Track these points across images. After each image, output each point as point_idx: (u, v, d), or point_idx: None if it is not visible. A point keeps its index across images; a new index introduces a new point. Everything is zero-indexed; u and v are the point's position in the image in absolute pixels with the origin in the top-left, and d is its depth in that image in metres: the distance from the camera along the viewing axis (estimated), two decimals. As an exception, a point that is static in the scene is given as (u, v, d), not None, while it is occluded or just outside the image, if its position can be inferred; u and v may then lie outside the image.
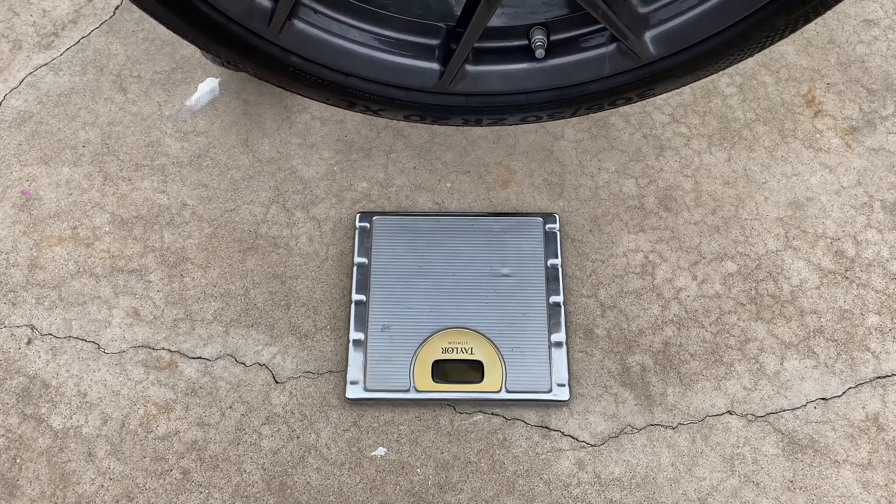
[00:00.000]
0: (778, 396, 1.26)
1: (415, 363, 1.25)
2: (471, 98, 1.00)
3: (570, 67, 0.97)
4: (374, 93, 0.99)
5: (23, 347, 1.31)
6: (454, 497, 1.20)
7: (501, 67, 0.97)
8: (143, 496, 1.21)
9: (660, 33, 0.91)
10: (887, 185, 1.42)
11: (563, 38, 0.95)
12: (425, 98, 1.00)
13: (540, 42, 0.93)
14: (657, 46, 0.92)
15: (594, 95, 1.00)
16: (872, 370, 1.27)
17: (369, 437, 1.24)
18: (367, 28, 0.94)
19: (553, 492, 1.20)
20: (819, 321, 1.31)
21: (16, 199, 1.42)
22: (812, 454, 1.22)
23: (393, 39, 0.94)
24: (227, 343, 1.31)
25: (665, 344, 1.30)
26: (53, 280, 1.36)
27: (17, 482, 1.21)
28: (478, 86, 0.98)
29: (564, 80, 0.98)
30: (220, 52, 0.93)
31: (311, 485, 1.21)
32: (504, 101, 1.01)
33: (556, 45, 0.96)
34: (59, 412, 1.26)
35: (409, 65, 0.95)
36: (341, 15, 0.93)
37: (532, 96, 1.00)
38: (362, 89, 0.99)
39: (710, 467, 1.21)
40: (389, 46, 0.94)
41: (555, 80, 0.98)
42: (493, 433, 1.25)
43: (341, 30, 0.93)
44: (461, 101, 1.01)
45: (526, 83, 0.98)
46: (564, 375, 1.24)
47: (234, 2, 0.84)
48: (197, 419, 1.25)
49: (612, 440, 1.24)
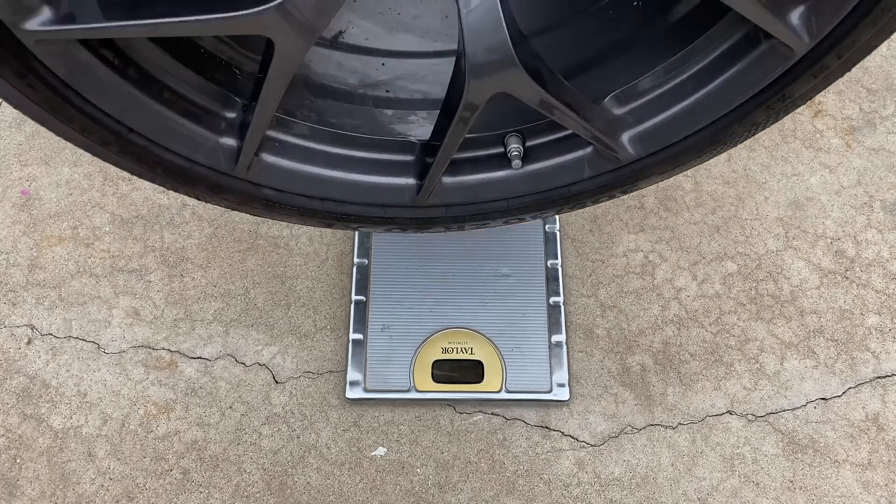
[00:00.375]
0: (778, 396, 1.26)
1: (415, 363, 1.25)
2: (450, 208, 0.98)
3: (548, 172, 0.94)
4: (352, 213, 0.97)
5: (23, 347, 1.31)
6: (454, 497, 1.20)
7: (479, 177, 0.94)
8: (143, 496, 1.21)
9: (637, 134, 0.88)
10: (887, 185, 1.42)
11: (540, 143, 0.92)
12: (404, 213, 0.98)
13: (516, 151, 0.90)
14: (636, 147, 0.89)
15: (577, 196, 0.98)
16: (872, 370, 1.27)
17: (369, 437, 1.24)
18: (339, 151, 0.92)
19: (553, 492, 1.20)
20: (819, 321, 1.31)
21: (16, 199, 1.42)
22: (812, 454, 1.22)
23: (366, 160, 0.92)
24: (227, 343, 1.31)
25: (665, 344, 1.30)
26: (53, 280, 1.36)
27: (17, 482, 1.21)
28: (456, 197, 0.96)
29: (544, 185, 0.95)
30: (186, 191, 0.90)
31: (311, 485, 1.21)
32: (485, 209, 0.99)
33: (532, 150, 0.93)
34: (59, 412, 1.26)
35: (385, 183, 0.92)
36: (310, 142, 0.91)
37: (513, 201, 0.98)
38: (339, 211, 0.97)
39: (710, 467, 1.21)
40: (363, 167, 0.92)
41: (534, 185, 0.96)
42: (493, 433, 1.25)
43: (312, 156, 0.91)
44: (441, 213, 0.99)
45: (505, 191, 0.96)
46: (564, 375, 1.24)
47: (196, 145, 0.82)
48: (197, 419, 1.25)
49: (612, 440, 1.24)
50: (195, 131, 0.81)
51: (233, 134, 0.84)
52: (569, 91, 0.81)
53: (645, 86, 0.86)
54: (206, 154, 0.83)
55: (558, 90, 0.79)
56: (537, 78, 0.75)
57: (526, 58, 0.74)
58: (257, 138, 0.82)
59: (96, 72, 0.72)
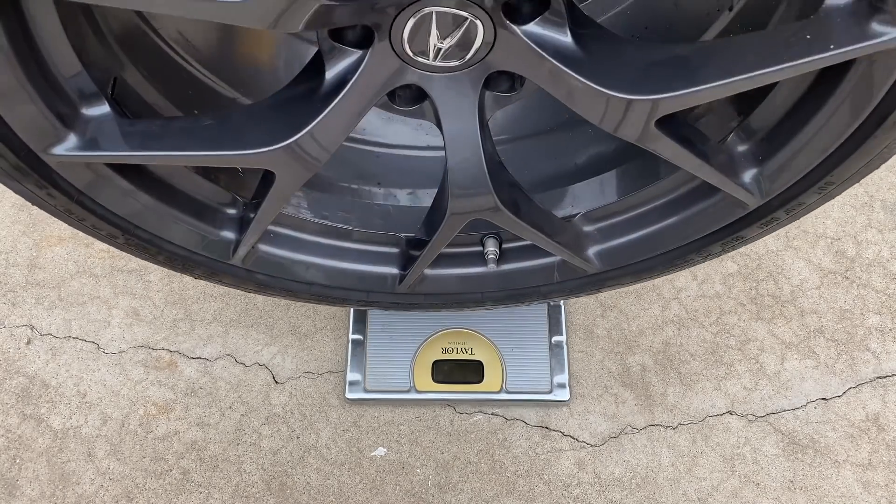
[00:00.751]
0: (778, 396, 1.26)
1: (415, 363, 1.25)
2: (429, 297, 1.06)
3: (521, 274, 1.00)
4: (338, 296, 1.04)
5: (22, 347, 1.31)
6: (454, 497, 1.20)
7: (457, 271, 1.01)
8: (143, 496, 1.21)
9: (603, 250, 0.94)
10: (887, 185, 1.42)
11: (515, 246, 0.98)
12: (386, 297, 1.05)
13: (492, 254, 0.96)
14: (601, 261, 0.95)
15: (547, 294, 1.05)
16: (873, 370, 1.27)
17: (369, 438, 1.24)
18: (329, 242, 0.97)
19: (553, 492, 1.20)
20: (819, 321, 1.31)
21: (15, 198, 1.42)
22: (812, 454, 1.22)
23: (354, 251, 0.98)
24: (227, 343, 1.31)
25: (665, 344, 1.30)
26: (53, 280, 1.36)
27: (17, 482, 1.21)
28: (435, 287, 1.03)
29: (516, 284, 1.03)
30: (184, 273, 0.97)
31: (311, 485, 1.21)
32: (461, 298, 1.07)
33: (508, 252, 0.98)
34: (59, 412, 1.26)
35: (370, 271, 0.98)
36: (303, 233, 0.96)
37: (487, 294, 1.06)
38: (325, 294, 1.04)
39: (711, 467, 1.21)
40: (351, 257, 0.98)
41: (507, 283, 1.03)
42: (493, 433, 1.24)
43: (303, 247, 0.97)
44: (420, 300, 1.06)
45: (480, 286, 1.03)
46: (564, 375, 1.24)
47: (197, 239, 0.87)
48: (197, 419, 1.25)
49: (613, 440, 1.24)
50: (197, 226, 0.86)
51: (232, 228, 0.89)
52: (540, 214, 0.88)
53: (613, 209, 0.92)
54: (206, 246, 0.88)
55: (531, 216, 0.85)
56: (513, 208, 0.81)
57: (504, 195, 0.79)
58: (256, 237, 0.87)
59: (112, 182, 0.77)
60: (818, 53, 0.58)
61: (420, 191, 1.00)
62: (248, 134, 0.68)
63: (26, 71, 0.62)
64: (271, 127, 0.68)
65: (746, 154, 0.77)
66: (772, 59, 0.59)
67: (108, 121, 0.69)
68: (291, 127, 0.67)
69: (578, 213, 0.93)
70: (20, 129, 0.66)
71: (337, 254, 0.98)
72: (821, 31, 0.58)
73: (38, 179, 0.73)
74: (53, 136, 0.68)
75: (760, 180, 0.77)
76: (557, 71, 0.62)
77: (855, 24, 0.57)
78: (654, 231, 0.91)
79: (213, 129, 0.69)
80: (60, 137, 0.68)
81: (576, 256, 0.92)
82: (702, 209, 0.86)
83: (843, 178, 0.75)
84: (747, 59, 0.61)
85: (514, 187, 0.84)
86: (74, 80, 0.67)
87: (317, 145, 0.68)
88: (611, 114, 0.65)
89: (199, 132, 0.69)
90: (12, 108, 0.64)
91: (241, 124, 0.70)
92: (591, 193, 0.94)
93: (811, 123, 0.71)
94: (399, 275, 0.99)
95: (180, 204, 0.84)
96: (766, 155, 0.76)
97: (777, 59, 0.59)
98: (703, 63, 0.63)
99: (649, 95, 0.63)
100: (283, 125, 0.67)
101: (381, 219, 0.97)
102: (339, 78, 0.65)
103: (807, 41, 0.58)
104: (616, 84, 0.62)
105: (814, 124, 0.70)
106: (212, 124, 0.70)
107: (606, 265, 0.95)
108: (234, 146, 0.68)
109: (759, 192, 0.78)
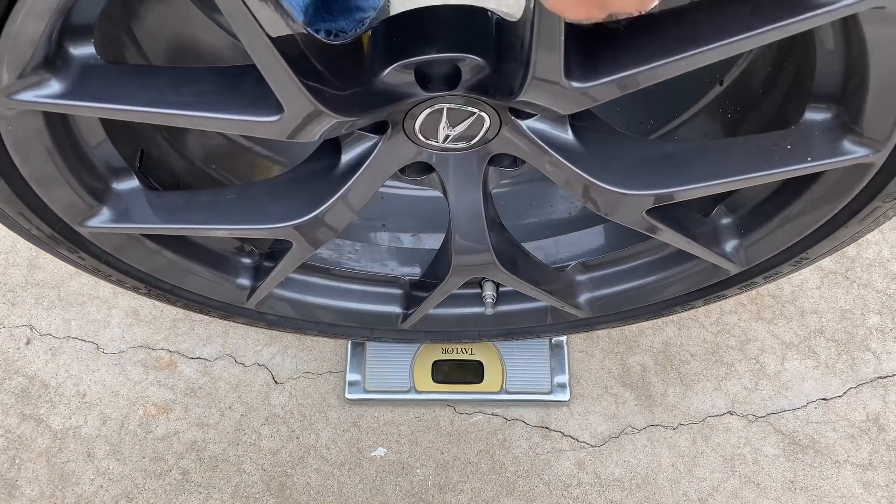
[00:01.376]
0: (779, 397, 1.26)
1: (415, 363, 1.25)
2: (430, 333, 1.13)
3: (516, 315, 1.07)
4: (343, 333, 1.12)
5: (22, 347, 1.31)
6: (454, 497, 1.20)
7: (456, 311, 1.07)
8: (143, 496, 1.20)
9: (593, 298, 1.00)
10: (888, 185, 1.42)
11: (512, 290, 1.01)
12: (388, 333, 1.12)
13: (490, 298, 1.02)
14: (592, 309, 1.00)
15: (540, 333, 1.13)
16: (873, 370, 1.27)
17: (369, 438, 1.24)
18: (335, 284, 1.03)
19: (553, 492, 1.20)
20: (820, 321, 1.31)
21: (15, 198, 1.42)
22: (813, 454, 1.22)
23: (359, 291, 1.04)
24: (227, 343, 1.31)
25: (665, 344, 1.30)
26: (52, 280, 1.35)
27: (17, 482, 1.21)
28: (435, 325, 1.09)
29: (511, 325, 1.09)
30: (201, 314, 1.03)
31: (311, 485, 1.21)
32: (459, 335, 1.15)
33: (505, 295, 1.04)
34: (59, 412, 1.26)
35: (374, 310, 1.04)
36: (310, 276, 1.02)
37: (483, 332, 1.14)
38: (331, 331, 1.12)
39: (711, 468, 1.21)
40: (356, 297, 1.04)
41: (503, 324, 1.09)
42: (493, 433, 1.24)
43: (312, 289, 1.03)
44: (420, 336, 1.14)
45: (478, 325, 1.09)
46: (565, 375, 1.24)
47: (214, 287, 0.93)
48: (196, 419, 1.25)
49: (613, 440, 1.23)
50: (215, 276, 0.92)
51: (248, 276, 0.94)
52: (535, 268, 0.94)
53: (605, 260, 0.98)
54: (222, 293, 0.94)
55: (528, 272, 0.92)
56: (510, 266, 0.87)
57: (502, 254, 0.86)
58: (270, 289, 0.92)
59: (139, 244, 0.83)
60: (796, 164, 0.64)
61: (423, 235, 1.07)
62: (269, 209, 0.74)
63: (66, 161, 0.67)
64: (290, 203, 0.73)
65: (730, 226, 0.83)
66: (755, 166, 0.65)
67: (138, 194, 0.74)
68: (309, 204, 0.72)
69: (571, 264, 0.99)
70: (58, 207, 0.71)
71: (343, 295, 1.04)
72: (801, 143, 0.64)
73: (71, 246, 0.79)
74: (88, 211, 0.73)
75: (741, 251, 0.84)
76: (556, 161, 0.67)
77: (830, 140, 0.63)
78: (641, 285, 0.97)
79: (236, 204, 0.75)
80: (94, 212, 0.73)
81: (567, 305, 0.98)
82: (686, 270, 0.92)
83: (816, 255, 0.82)
84: (733, 163, 0.66)
85: (513, 246, 0.90)
86: (105, 157, 0.73)
87: (332, 219, 0.73)
88: (604, 203, 0.70)
89: (222, 207, 0.75)
90: (51, 192, 0.69)
91: (262, 199, 0.75)
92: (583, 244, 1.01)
93: (790, 207, 0.76)
94: (402, 314, 1.05)
95: (200, 258, 0.90)
96: (748, 229, 0.82)
97: (760, 167, 0.65)
98: (691, 163, 0.68)
99: (641, 191, 0.67)
100: (301, 202, 0.72)
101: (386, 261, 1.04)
102: (354, 160, 0.70)
103: (787, 151, 0.64)
104: (611, 178, 0.67)
105: (793, 208, 0.76)
106: (234, 199, 0.75)
107: (596, 312, 1.01)
108: (256, 221, 0.73)
109: (740, 261, 0.84)
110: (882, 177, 0.66)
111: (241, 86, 0.58)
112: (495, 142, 0.69)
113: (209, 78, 0.59)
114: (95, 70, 0.58)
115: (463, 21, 0.61)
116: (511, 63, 0.58)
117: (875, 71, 0.57)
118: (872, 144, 0.62)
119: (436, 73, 0.61)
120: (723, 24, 0.52)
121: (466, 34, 0.60)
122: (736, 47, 0.52)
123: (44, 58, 0.55)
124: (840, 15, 0.50)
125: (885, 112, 0.60)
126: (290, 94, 0.55)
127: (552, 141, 0.66)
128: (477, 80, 0.61)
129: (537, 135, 0.66)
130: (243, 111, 0.58)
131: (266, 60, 0.52)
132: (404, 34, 0.61)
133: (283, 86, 0.54)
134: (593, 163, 0.67)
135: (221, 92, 0.59)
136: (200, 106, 0.58)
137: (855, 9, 0.50)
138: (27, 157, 0.64)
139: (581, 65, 0.55)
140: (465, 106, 0.63)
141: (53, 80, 0.57)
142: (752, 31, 0.51)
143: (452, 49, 0.59)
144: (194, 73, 0.60)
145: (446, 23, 0.61)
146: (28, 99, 0.56)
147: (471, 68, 0.60)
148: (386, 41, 0.61)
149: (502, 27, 0.60)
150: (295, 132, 0.59)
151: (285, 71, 0.53)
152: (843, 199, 0.71)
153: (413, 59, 0.59)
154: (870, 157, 0.63)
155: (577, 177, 0.67)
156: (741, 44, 0.52)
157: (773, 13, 0.51)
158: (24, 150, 0.63)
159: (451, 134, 0.67)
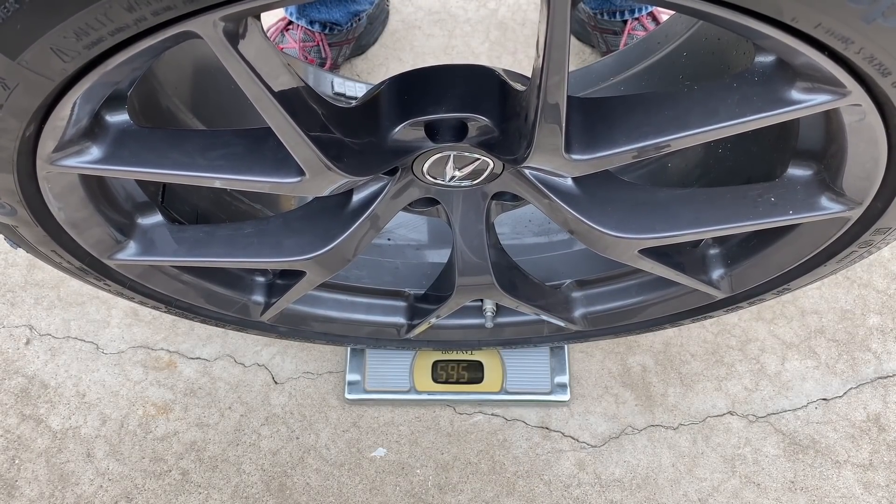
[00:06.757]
0: (779, 397, 1.26)
1: (414, 363, 1.25)
2: (431, 342, 1.18)
3: (514, 327, 1.11)
4: (349, 343, 1.17)
5: (21, 347, 1.31)
6: (454, 498, 1.20)
7: (458, 322, 1.11)
8: (142, 497, 1.20)
9: (588, 313, 1.04)
10: (889, 185, 1.42)
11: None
12: (392, 343, 1.17)
13: (490, 311, 1.07)
14: (586, 323, 1.05)
15: (537, 343, 1.18)
16: (874, 370, 1.27)
17: (369, 438, 1.24)
18: (344, 298, 1.08)
19: (553, 492, 1.20)
20: (820, 321, 1.31)
21: (14, 198, 1.42)
22: (813, 455, 1.22)
23: (365, 304, 1.09)
24: (227, 343, 1.31)
25: (666, 344, 1.30)
26: (52, 280, 1.35)
27: (16, 482, 1.21)
28: (437, 336, 1.14)
29: (510, 336, 1.14)
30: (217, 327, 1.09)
31: (311, 485, 1.21)
32: (459, 344, 1.21)
33: (504, 307, 1.08)
34: (58, 412, 1.26)
35: (379, 321, 1.09)
36: (321, 291, 1.05)
37: (483, 342, 1.18)
38: (338, 343, 1.17)
39: (711, 468, 1.21)
40: (363, 310, 1.09)
41: (502, 335, 1.14)
42: (494, 434, 1.24)
43: (321, 302, 1.07)
44: (423, 345, 1.19)
45: (478, 334, 1.13)
46: (565, 376, 1.24)
47: (230, 303, 0.98)
48: (196, 420, 1.25)
49: (613, 441, 1.23)
50: (231, 295, 0.96)
51: (262, 293, 0.98)
52: (532, 288, 0.99)
53: (600, 278, 1.03)
54: (237, 309, 0.99)
55: (527, 293, 0.97)
56: (510, 289, 0.93)
57: (502, 277, 0.90)
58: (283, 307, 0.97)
59: (161, 271, 0.88)
60: (779, 216, 0.69)
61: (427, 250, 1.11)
62: (285, 243, 0.79)
63: (96, 205, 0.72)
64: (305, 238, 0.78)
65: (717, 257, 0.88)
66: (741, 216, 0.70)
67: (161, 227, 0.79)
68: (322, 239, 0.77)
69: (567, 281, 1.04)
70: (88, 245, 0.76)
71: (351, 307, 1.09)
72: (784, 196, 0.69)
73: (98, 275, 0.85)
74: (116, 246, 0.77)
75: (727, 279, 0.88)
76: (556, 204, 0.71)
77: (810, 195, 0.68)
78: (634, 303, 1.01)
79: (254, 237, 0.79)
80: (122, 246, 0.77)
81: (561, 321, 1.02)
82: (675, 293, 0.97)
83: (798, 286, 0.89)
84: (720, 213, 0.71)
85: (512, 269, 0.95)
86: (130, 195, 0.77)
87: (344, 251, 0.78)
88: (600, 244, 0.75)
89: (240, 241, 0.79)
90: (83, 233, 0.74)
91: (278, 234, 0.79)
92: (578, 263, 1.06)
93: (773, 246, 0.81)
94: (406, 325, 1.08)
95: (217, 279, 0.94)
96: (735, 260, 0.87)
97: (745, 217, 0.70)
98: (680, 211, 0.72)
99: (634, 235, 0.72)
100: (315, 237, 0.77)
101: (391, 275, 1.08)
102: (365, 199, 0.75)
103: (771, 203, 0.69)
104: (606, 222, 0.72)
105: (777, 245, 0.81)
106: (252, 233, 0.80)
107: (591, 327, 1.06)
108: (272, 254, 0.79)
109: (726, 288, 0.89)
110: (858, 227, 0.72)
111: (264, 150, 0.64)
112: (498, 182, 0.73)
113: (235, 142, 0.64)
114: (129, 135, 0.62)
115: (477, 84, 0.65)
116: (517, 133, 0.62)
117: (853, 143, 0.61)
118: (848, 203, 0.67)
119: (445, 127, 0.66)
120: (712, 109, 0.56)
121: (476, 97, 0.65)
122: (723, 132, 0.56)
123: (85, 128, 0.59)
124: (821, 110, 0.54)
125: (861, 178, 0.64)
126: (312, 164, 0.61)
127: (552, 186, 0.71)
128: (484, 139, 0.65)
129: (538, 180, 0.70)
130: (268, 174, 0.64)
131: (290, 138, 0.58)
132: (413, 94, 0.65)
133: (306, 159, 0.60)
134: (590, 208, 0.72)
135: (247, 156, 0.64)
136: (228, 169, 0.63)
137: (835, 105, 0.53)
138: (62, 207, 0.69)
139: (580, 139, 0.60)
140: (471, 154, 0.68)
141: (93, 147, 0.61)
142: (737, 119, 0.55)
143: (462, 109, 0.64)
144: (221, 136, 0.65)
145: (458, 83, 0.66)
146: (70, 165, 0.61)
147: (478, 128, 0.64)
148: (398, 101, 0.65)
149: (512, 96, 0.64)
150: (317, 190, 0.66)
151: (308, 147, 0.59)
152: (822, 244, 0.77)
153: (422, 118, 0.64)
154: (846, 213, 0.68)
155: (575, 219, 0.72)
156: (727, 129, 0.56)
157: (757, 104, 0.55)
158: (59, 201, 0.68)
159: (457, 175, 0.71)
